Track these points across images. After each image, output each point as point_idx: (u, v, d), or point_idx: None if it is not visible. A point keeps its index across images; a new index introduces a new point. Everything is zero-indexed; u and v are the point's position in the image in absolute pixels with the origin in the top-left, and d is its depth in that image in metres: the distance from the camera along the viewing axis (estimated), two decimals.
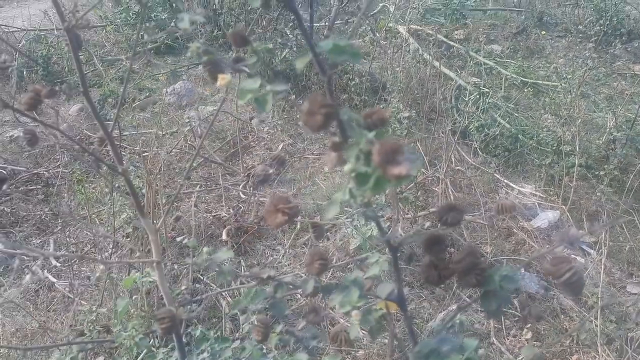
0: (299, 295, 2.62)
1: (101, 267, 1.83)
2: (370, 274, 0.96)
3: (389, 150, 0.57)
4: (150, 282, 1.52)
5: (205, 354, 1.31)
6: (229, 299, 2.58)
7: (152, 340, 2.10)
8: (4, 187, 0.99)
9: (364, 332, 0.97)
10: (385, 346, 2.38)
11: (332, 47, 0.63)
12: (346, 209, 3.25)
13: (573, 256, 3.10)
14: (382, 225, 0.90)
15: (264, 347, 1.36)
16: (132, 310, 2.01)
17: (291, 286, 0.99)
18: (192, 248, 1.03)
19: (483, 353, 2.52)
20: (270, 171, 0.94)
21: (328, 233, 3.10)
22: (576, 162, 3.46)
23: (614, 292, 2.86)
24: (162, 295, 2.26)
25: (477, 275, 0.81)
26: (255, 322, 1.00)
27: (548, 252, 0.84)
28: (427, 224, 3.00)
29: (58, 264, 2.93)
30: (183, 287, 1.76)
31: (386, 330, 0.96)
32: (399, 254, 0.87)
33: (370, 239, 2.90)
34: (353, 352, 2.43)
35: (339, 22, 5.43)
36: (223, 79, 0.74)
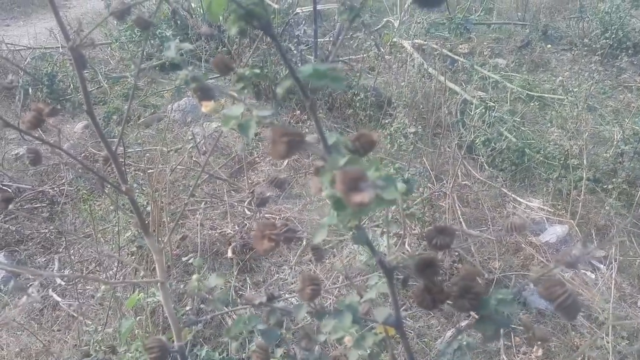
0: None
1: (103, 287, 1.80)
2: (367, 297, 0.94)
3: (350, 178, 0.56)
4: (154, 301, 1.50)
5: None
6: (235, 317, 2.55)
7: None
8: (10, 206, 0.98)
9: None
10: None
11: (312, 72, 0.62)
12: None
13: (582, 271, 3.06)
14: (375, 248, 0.88)
15: None
16: (137, 331, 1.99)
17: (284, 312, 0.97)
18: (197, 267, 1.01)
19: None
20: (268, 194, 0.92)
21: (334, 250, 3.07)
22: (584, 176, 3.43)
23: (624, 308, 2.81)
24: (167, 315, 2.24)
25: (472, 299, 0.79)
26: (255, 347, 0.98)
27: (552, 272, 0.81)
28: None
29: (63, 283, 2.91)
30: (187, 308, 1.73)
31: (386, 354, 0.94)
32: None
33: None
34: None
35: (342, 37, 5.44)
36: (206, 106, 0.74)
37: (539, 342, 0.88)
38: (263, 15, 0.54)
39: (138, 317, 2.08)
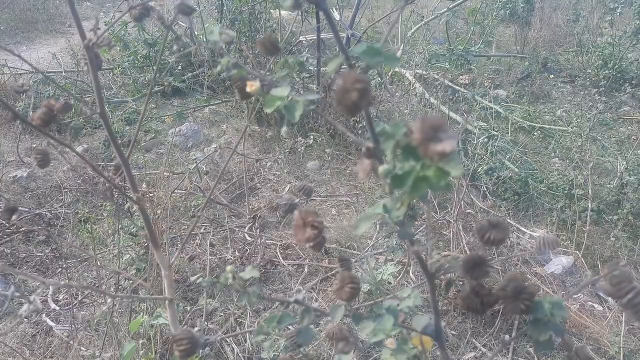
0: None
1: (109, 300, 1.74)
2: (404, 305, 0.88)
3: (431, 126, 0.51)
4: (157, 325, 1.43)
5: None
6: (234, 345, 2.48)
7: None
8: (14, 217, 0.95)
9: None
10: None
11: (366, 49, 0.59)
12: (355, 252, 3.14)
13: (590, 303, 3.00)
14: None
15: None
16: (138, 354, 1.91)
17: (319, 313, 0.92)
18: (206, 288, 0.96)
19: None
20: (296, 200, 0.88)
21: (333, 278, 3.01)
22: (589, 207, 3.39)
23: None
24: (166, 339, 2.16)
25: (526, 300, 0.74)
26: None
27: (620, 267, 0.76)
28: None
29: (57, 308, 2.83)
30: (196, 329, 1.67)
31: None
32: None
33: (381, 283, 2.81)
34: None
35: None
36: (252, 85, 0.70)
37: None
38: None
39: (140, 342, 2.00)
